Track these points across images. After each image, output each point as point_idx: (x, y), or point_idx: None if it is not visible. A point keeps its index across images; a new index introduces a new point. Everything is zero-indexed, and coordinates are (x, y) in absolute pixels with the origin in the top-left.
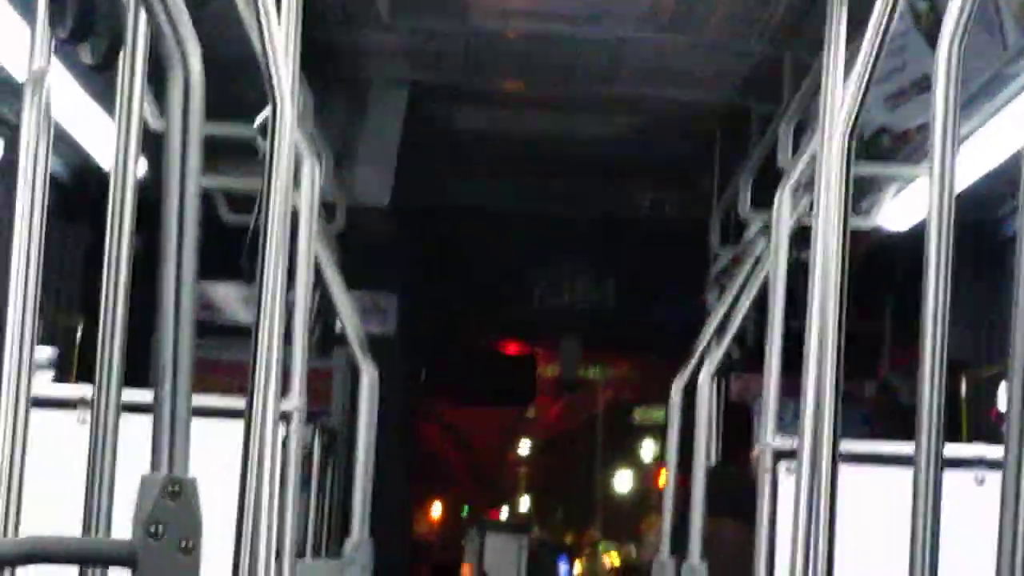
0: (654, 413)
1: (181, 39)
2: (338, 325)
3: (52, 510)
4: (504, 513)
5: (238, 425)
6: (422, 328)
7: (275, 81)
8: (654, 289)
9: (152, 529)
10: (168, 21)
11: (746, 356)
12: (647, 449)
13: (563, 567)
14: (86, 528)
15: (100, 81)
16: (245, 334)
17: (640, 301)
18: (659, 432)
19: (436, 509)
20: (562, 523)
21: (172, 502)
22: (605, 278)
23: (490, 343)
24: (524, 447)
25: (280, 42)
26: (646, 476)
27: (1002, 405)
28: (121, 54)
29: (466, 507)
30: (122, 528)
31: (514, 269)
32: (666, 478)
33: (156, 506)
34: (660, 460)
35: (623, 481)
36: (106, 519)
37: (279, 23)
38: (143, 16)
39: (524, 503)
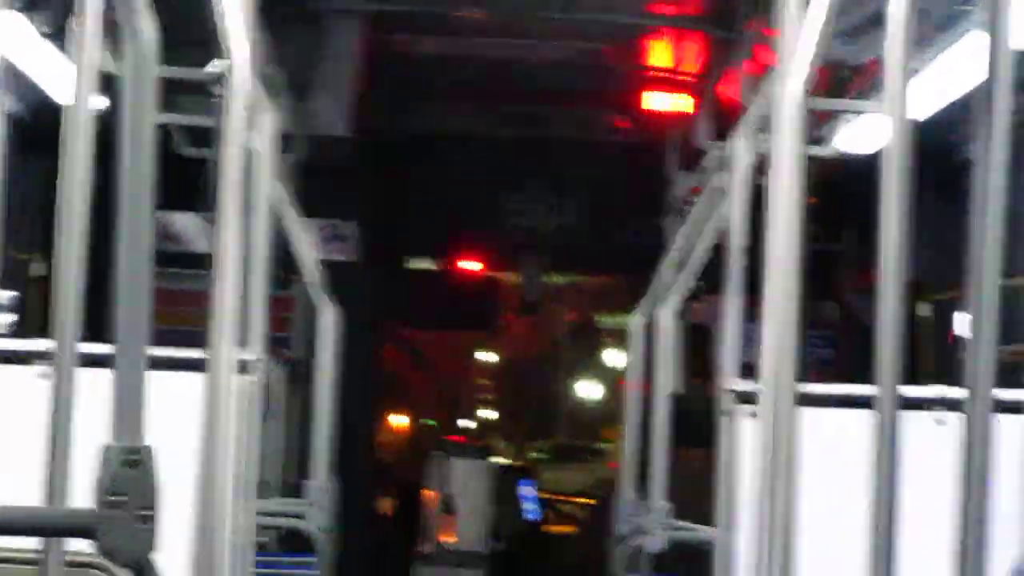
0: (620, 320)
1: (134, 8)
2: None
3: (12, 465)
4: (466, 428)
5: (199, 376)
6: (384, 254)
7: (227, 35)
8: (616, 211)
9: (112, 499)
10: None
11: (705, 287)
12: (614, 360)
13: (528, 491)
14: (48, 488)
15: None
16: (205, 263)
17: (602, 222)
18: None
19: (398, 431)
20: (526, 441)
21: (131, 471)
22: (567, 200)
23: (452, 267)
24: (488, 368)
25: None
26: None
27: (958, 329)
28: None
29: (432, 421)
30: (86, 480)
31: (475, 193)
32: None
33: (116, 476)
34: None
35: (587, 393)
36: (66, 481)
37: None
38: None
39: (485, 425)
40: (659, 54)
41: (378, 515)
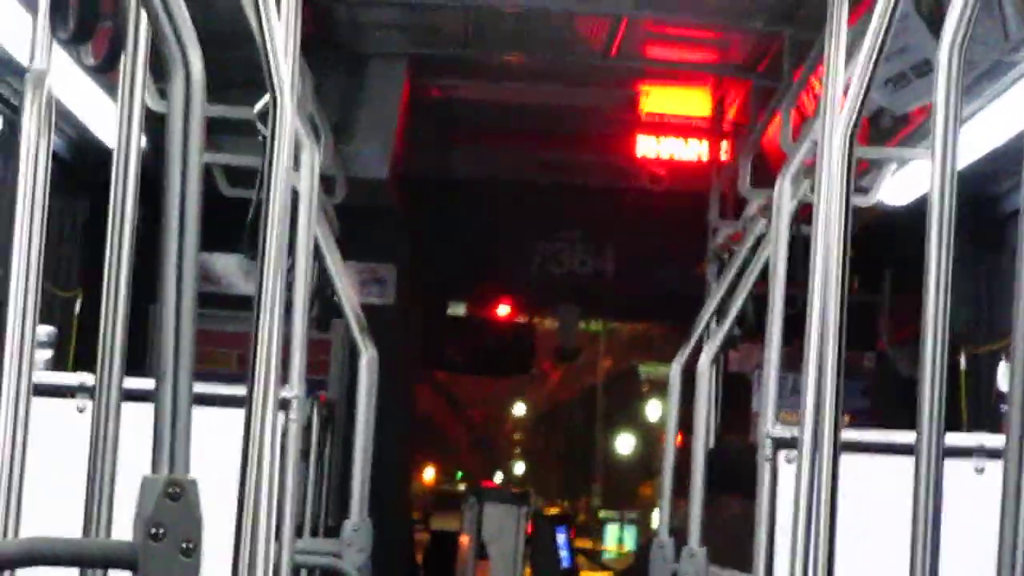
0: (660, 368)
1: (182, 42)
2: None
3: (50, 500)
4: (499, 478)
5: (238, 412)
6: (422, 299)
7: (275, 75)
8: (653, 258)
9: (153, 531)
10: (169, 23)
11: (747, 334)
12: (653, 411)
13: (562, 537)
14: (87, 521)
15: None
16: (245, 305)
17: (639, 270)
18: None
19: (431, 475)
20: (561, 491)
21: (173, 503)
22: (604, 247)
23: (489, 313)
24: (522, 415)
25: (280, 36)
26: (650, 442)
27: (1002, 385)
28: (123, 55)
29: (459, 472)
30: (123, 514)
31: (513, 238)
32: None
33: (157, 508)
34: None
35: (624, 446)
36: (107, 512)
37: (279, 18)
38: (144, 17)
39: (520, 470)
40: (701, 102)
41: (413, 559)
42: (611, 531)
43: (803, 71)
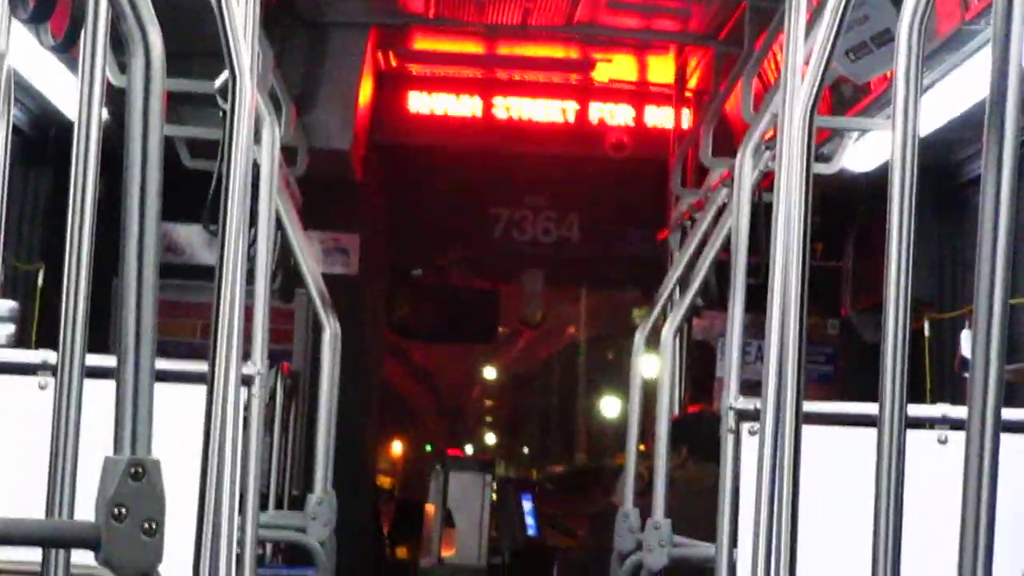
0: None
1: (142, 21)
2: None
3: (13, 478)
4: (469, 450)
5: (201, 388)
6: (384, 267)
7: (233, 54)
8: (617, 226)
9: (116, 511)
10: (128, 3)
11: (710, 304)
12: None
13: (528, 504)
14: (49, 503)
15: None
16: (208, 275)
17: (603, 237)
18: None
19: (398, 447)
20: (527, 459)
21: (136, 483)
22: (567, 213)
23: (453, 280)
24: (488, 384)
25: (239, 16)
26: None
27: (965, 351)
28: (82, 35)
29: (429, 445)
30: (87, 491)
31: (476, 206)
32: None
33: (119, 487)
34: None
35: (610, 410)
36: (70, 491)
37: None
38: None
39: (493, 440)
40: (663, 69)
41: (379, 529)
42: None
43: (764, 40)
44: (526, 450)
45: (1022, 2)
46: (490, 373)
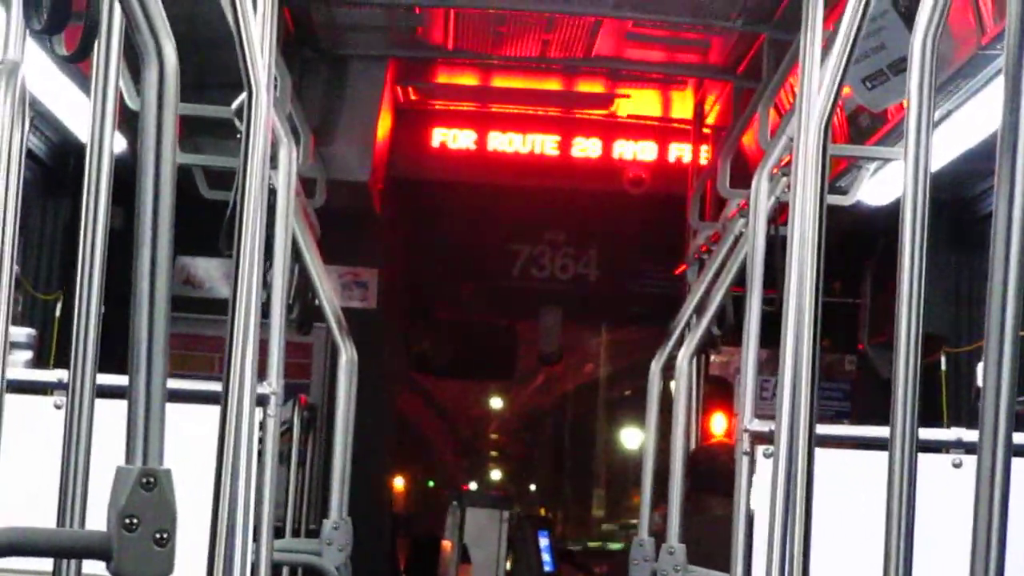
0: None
1: (156, 33)
2: (316, 303)
3: (29, 494)
4: (475, 485)
5: (216, 409)
6: (402, 301)
7: (251, 71)
8: (634, 262)
9: (127, 522)
10: (143, 14)
11: (726, 334)
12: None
13: (544, 541)
14: (60, 515)
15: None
16: (226, 310)
17: (621, 273)
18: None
19: (399, 482)
20: (539, 497)
21: (147, 494)
22: (586, 250)
23: (471, 316)
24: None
25: (256, 32)
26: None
27: (981, 382)
28: (96, 45)
29: (431, 481)
30: (98, 510)
31: (495, 241)
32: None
33: (131, 498)
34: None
35: (632, 443)
36: (81, 506)
37: (255, 14)
38: (117, 9)
39: (501, 476)
40: (682, 104)
41: (396, 563)
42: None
43: (780, 70)
44: (533, 488)
45: None
46: (507, 409)
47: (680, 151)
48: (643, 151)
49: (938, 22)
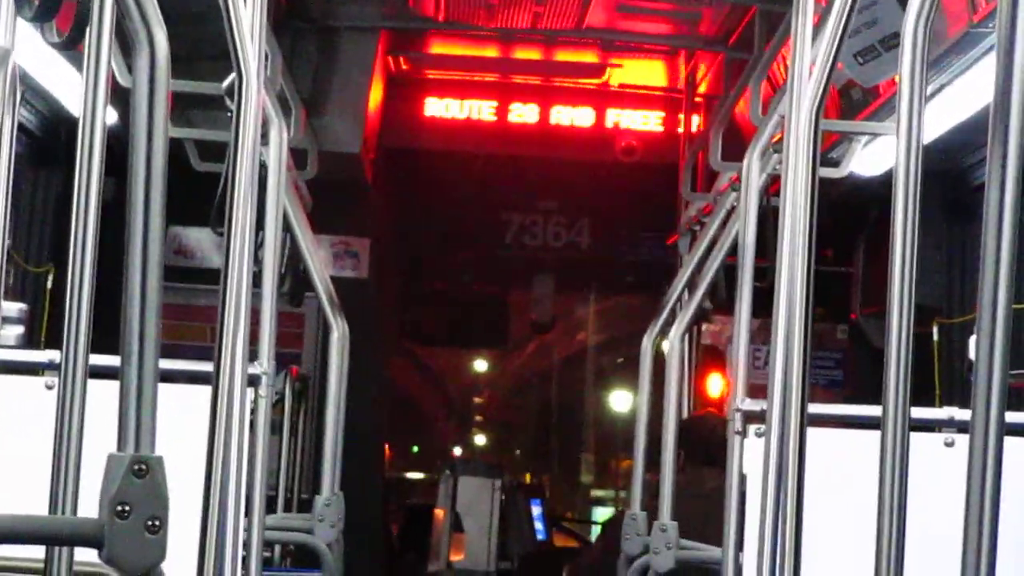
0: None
1: (147, 19)
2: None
3: (20, 476)
4: (460, 450)
5: (207, 389)
6: (394, 271)
7: (240, 52)
8: (627, 230)
9: (119, 509)
10: (134, 2)
11: (717, 306)
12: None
13: (537, 509)
14: (52, 500)
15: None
16: (217, 279)
17: (613, 242)
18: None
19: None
20: (530, 464)
21: (139, 481)
22: (578, 218)
23: (463, 285)
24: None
25: (246, 17)
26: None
27: (973, 355)
28: (87, 31)
29: (415, 447)
30: (90, 493)
31: (486, 210)
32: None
33: (123, 485)
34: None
35: (621, 405)
36: (73, 490)
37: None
38: None
39: (492, 443)
40: (673, 74)
41: (389, 533)
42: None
43: (773, 44)
44: (519, 453)
45: None
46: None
47: (672, 120)
48: (635, 120)
49: (930, 3)
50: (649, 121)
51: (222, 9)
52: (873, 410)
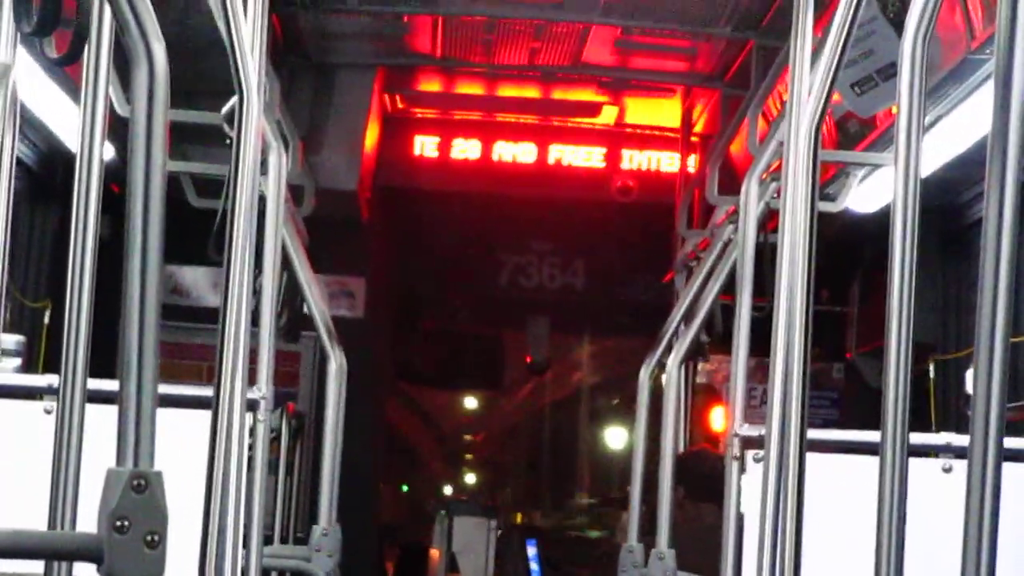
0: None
1: (146, 34)
2: (306, 309)
3: (19, 498)
4: (451, 490)
5: (206, 414)
6: (390, 311)
7: (242, 74)
8: (622, 270)
9: (118, 524)
10: (133, 16)
11: (715, 341)
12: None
13: (532, 549)
14: (51, 520)
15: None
16: (214, 318)
17: (608, 282)
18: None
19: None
20: (523, 505)
21: (138, 496)
22: (573, 259)
23: (459, 325)
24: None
25: (247, 35)
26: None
27: (970, 389)
28: (86, 48)
29: (404, 486)
30: (89, 516)
31: (482, 251)
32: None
33: (122, 500)
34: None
35: (617, 442)
36: (72, 511)
37: (246, 17)
38: (108, 11)
39: (484, 483)
40: (670, 113)
41: (383, 570)
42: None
43: (769, 76)
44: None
45: None
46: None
47: (668, 160)
48: (631, 160)
49: (927, 26)
50: (645, 161)
51: (221, 27)
52: (870, 435)
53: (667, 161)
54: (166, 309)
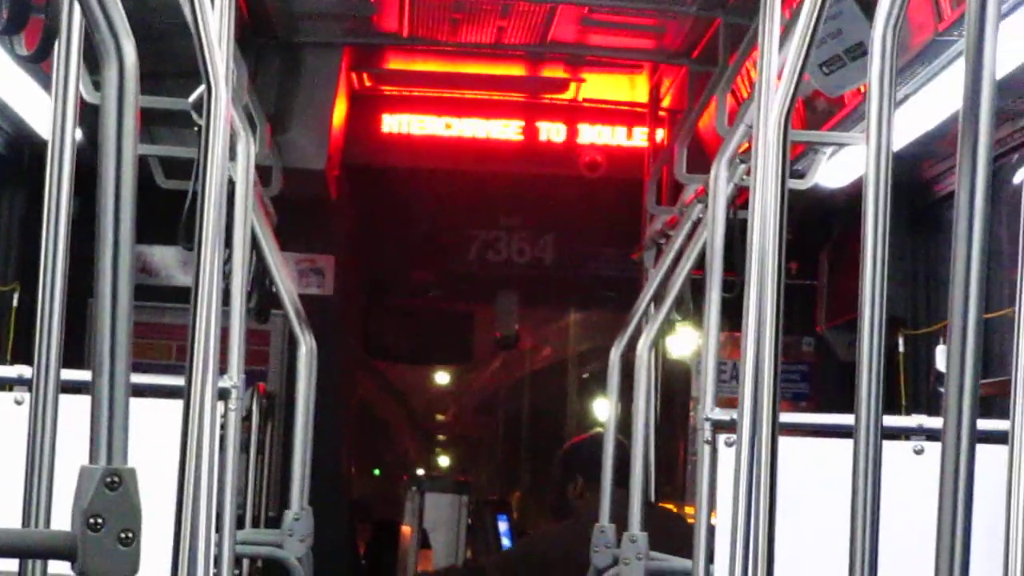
0: None
1: (115, 30)
2: (275, 290)
3: None
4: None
5: (178, 402)
6: (359, 287)
7: (209, 65)
8: (591, 246)
9: (92, 521)
10: (101, 12)
11: (684, 317)
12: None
13: (503, 524)
14: (26, 516)
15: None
16: (183, 297)
17: (577, 257)
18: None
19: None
20: (497, 481)
21: (112, 493)
22: (542, 234)
23: (428, 301)
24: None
25: (214, 26)
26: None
27: (940, 366)
28: (56, 45)
29: (376, 470)
30: (62, 507)
31: (451, 227)
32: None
33: (95, 498)
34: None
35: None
36: (46, 506)
37: (213, 6)
38: (77, 8)
39: (458, 461)
40: (637, 88)
41: (356, 549)
42: None
43: (738, 56)
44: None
45: (995, 10)
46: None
47: (637, 135)
48: (599, 135)
49: (899, 9)
50: (613, 136)
51: (188, 17)
52: (842, 419)
53: (636, 136)
54: (136, 289)
